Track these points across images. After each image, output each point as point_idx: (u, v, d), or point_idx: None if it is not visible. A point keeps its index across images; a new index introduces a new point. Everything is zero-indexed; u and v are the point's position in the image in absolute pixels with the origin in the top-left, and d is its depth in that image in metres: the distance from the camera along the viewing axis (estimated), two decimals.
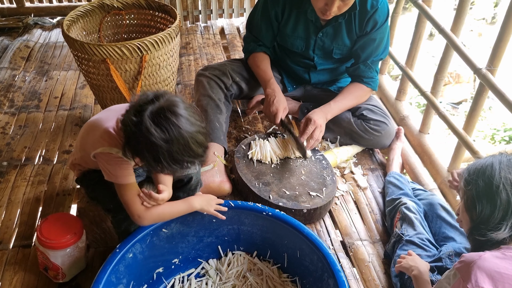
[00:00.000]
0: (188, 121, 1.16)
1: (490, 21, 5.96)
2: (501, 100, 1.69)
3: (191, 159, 1.19)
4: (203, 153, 1.22)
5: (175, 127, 1.13)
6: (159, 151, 1.13)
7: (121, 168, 1.28)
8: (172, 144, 1.13)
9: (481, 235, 1.16)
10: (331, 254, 1.37)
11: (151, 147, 1.12)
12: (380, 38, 1.95)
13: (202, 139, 1.20)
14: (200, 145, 1.19)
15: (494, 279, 1.06)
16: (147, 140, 1.12)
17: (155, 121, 1.12)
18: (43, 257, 1.47)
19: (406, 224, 1.64)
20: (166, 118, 1.13)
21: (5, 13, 3.37)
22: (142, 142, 1.13)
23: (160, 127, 1.12)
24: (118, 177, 1.29)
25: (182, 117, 1.15)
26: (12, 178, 1.96)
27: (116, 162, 1.27)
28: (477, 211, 1.17)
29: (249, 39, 2.14)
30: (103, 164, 1.29)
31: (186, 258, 1.57)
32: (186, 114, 1.17)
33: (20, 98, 2.50)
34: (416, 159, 2.14)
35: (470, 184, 1.20)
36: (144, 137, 1.12)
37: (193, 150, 1.17)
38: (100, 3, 2.17)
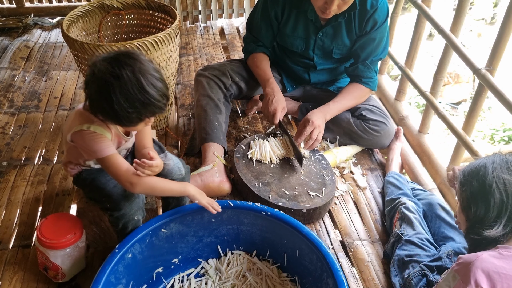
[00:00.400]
0: (144, 65, 1.16)
1: (490, 21, 5.97)
2: (500, 100, 1.69)
3: (148, 102, 1.16)
4: (162, 100, 1.20)
5: (127, 66, 1.14)
6: (110, 90, 1.12)
7: (96, 142, 1.26)
8: (123, 81, 1.12)
9: (477, 234, 1.17)
10: (330, 253, 1.37)
11: (104, 87, 1.13)
12: (380, 38, 1.95)
13: (160, 85, 1.19)
14: (156, 89, 1.18)
15: (492, 279, 1.06)
16: (100, 82, 1.13)
17: (109, 63, 1.14)
18: (43, 257, 1.47)
19: (405, 224, 1.64)
20: (120, 60, 1.15)
21: (5, 13, 3.37)
22: (98, 87, 1.14)
23: (112, 64, 1.14)
24: (97, 152, 1.27)
25: (137, 61, 1.16)
26: (12, 178, 1.96)
27: (90, 137, 1.26)
28: (472, 211, 1.18)
29: (248, 39, 2.14)
30: (80, 144, 1.29)
31: (185, 258, 1.57)
32: (143, 60, 1.18)
33: (19, 98, 2.50)
34: (416, 159, 2.14)
35: (465, 185, 1.21)
36: (98, 80, 1.14)
37: (147, 92, 1.15)
38: (100, 3, 2.17)
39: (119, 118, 1.19)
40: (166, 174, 1.48)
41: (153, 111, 1.21)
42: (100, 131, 1.27)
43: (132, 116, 1.18)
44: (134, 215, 1.41)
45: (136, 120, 1.21)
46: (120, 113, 1.16)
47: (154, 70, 1.20)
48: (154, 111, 1.21)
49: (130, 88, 1.14)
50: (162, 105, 1.21)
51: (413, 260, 1.51)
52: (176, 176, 1.50)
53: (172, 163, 1.49)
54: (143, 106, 1.17)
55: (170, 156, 1.52)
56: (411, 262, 1.51)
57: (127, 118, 1.18)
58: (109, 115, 1.20)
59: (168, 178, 1.48)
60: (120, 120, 1.20)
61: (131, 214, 1.39)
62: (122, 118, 1.18)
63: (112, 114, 1.18)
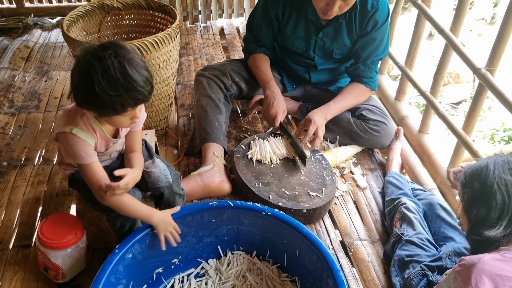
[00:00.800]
0: (129, 52, 1.16)
1: (490, 21, 5.96)
2: (501, 100, 1.69)
3: (130, 87, 1.14)
4: (145, 86, 1.17)
5: (111, 50, 1.13)
6: (93, 72, 1.11)
7: (77, 147, 1.25)
8: (105, 63, 1.11)
9: (478, 235, 1.17)
10: (330, 253, 1.37)
11: (87, 70, 1.12)
12: (381, 38, 1.95)
13: (144, 72, 1.18)
14: (140, 75, 1.16)
15: (494, 281, 1.06)
16: (83, 65, 1.13)
17: (94, 48, 1.14)
18: (43, 257, 1.47)
19: (405, 224, 1.64)
20: (104, 46, 1.15)
21: (5, 13, 3.37)
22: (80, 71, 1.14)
23: (96, 49, 1.14)
24: (76, 157, 1.26)
25: (122, 48, 1.16)
26: (12, 178, 1.96)
27: (73, 142, 1.25)
28: (474, 213, 1.18)
29: (249, 39, 2.14)
30: (63, 145, 1.29)
31: (185, 258, 1.57)
32: (128, 48, 1.17)
33: (20, 99, 2.50)
34: (416, 159, 2.14)
35: (466, 187, 1.21)
36: (81, 64, 1.13)
37: (131, 76, 1.13)
38: (100, 3, 2.17)
39: (101, 103, 1.15)
40: (153, 182, 1.48)
41: (136, 98, 1.17)
42: (84, 136, 1.25)
43: (114, 100, 1.14)
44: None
45: (119, 108, 1.17)
46: (102, 97, 1.13)
47: (139, 58, 1.19)
48: (138, 97, 1.18)
49: (113, 71, 1.12)
50: (146, 92, 1.18)
51: (413, 260, 1.51)
52: (162, 183, 1.49)
53: (158, 171, 1.48)
54: (126, 90, 1.14)
55: (157, 163, 1.49)
56: (411, 262, 1.51)
57: (110, 104, 1.14)
58: (92, 102, 1.16)
59: (155, 186, 1.49)
60: (103, 106, 1.16)
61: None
62: (105, 104, 1.14)
63: (94, 99, 1.14)
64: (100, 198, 1.30)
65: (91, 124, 1.28)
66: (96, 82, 1.11)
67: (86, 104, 1.19)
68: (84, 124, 1.26)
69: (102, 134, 1.32)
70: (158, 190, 1.52)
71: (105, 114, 1.20)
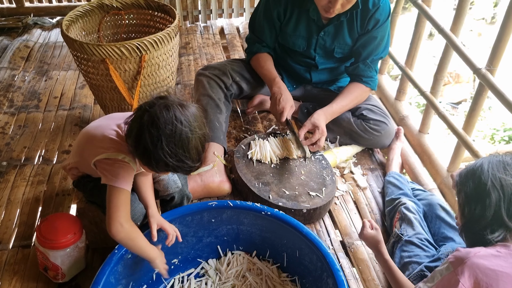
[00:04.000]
0: (195, 118, 1.17)
1: (490, 21, 5.96)
2: (501, 100, 1.69)
3: (184, 161, 1.16)
4: (195, 164, 1.20)
5: (184, 115, 1.15)
6: (162, 126, 1.11)
7: (123, 171, 1.25)
8: (177, 127, 1.12)
9: (470, 231, 1.19)
10: (330, 253, 1.37)
11: (152, 129, 1.12)
12: (381, 37, 1.95)
13: (199, 149, 1.19)
14: (197, 151, 1.18)
15: (487, 276, 1.07)
16: (151, 123, 1.12)
17: (166, 108, 1.14)
18: (42, 257, 1.47)
19: (405, 224, 1.64)
20: (182, 107, 1.16)
21: (5, 13, 3.36)
22: (145, 126, 1.13)
23: (171, 107, 1.14)
24: (118, 180, 1.25)
25: (189, 110, 1.17)
26: (12, 178, 1.96)
27: (120, 165, 1.25)
28: (467, 211, 1.19)
29: (252, 39, 2.14)
30: (105, 168, 1.26)
31: (185, 258, 1.57)
32: (194, 110, 1.19)
33: (19, 98, 2.50)
34: (416, 159, 2.14)
35: (461, 186, 1.22)
36: (149, 120, 1.12)
37: (189, 151, 1.15)
38: (100, 3, 2.17)
39: (148, 156, 1.15)
40: (163, 189, 1.51)
41: (181, 170, 1.19)
42: (131, 163, 1.25)
43: (162, 162, 1.14)
44: (137, 221, 1.40)
45: (161, 168, 1.18)
46: (153, 153, 1.13)
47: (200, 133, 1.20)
48: (183, 170, 1.20)
49: (178, 138, 1.13)
50: (190, 170, 1.21)
51: (413, 261, 1.51)
52: (172, 189, 1.52)
53: (166, 178, 1.51)
54: (179, 161, 1.15)
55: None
56: (411, 263, 1.51)
57: (155, 161, 1.15)
58: (140, 149, 1.16)
59: (165, 193, 1.51)
60: (148, 158, 1.16)
61: (134, 220, 1.38)
62: (151, 159, 1.15)
63: (145, 149, 1.14)
64: (121, 225, 1.25)
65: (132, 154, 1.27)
66: (159, 137, 1.11)
67: (135, 147, 1.17)
68: (128, 154, 1.26)
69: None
70: (170, 195, 1.54)
71: (143, 163, 1.20)
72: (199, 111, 1.21)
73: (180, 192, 1.56)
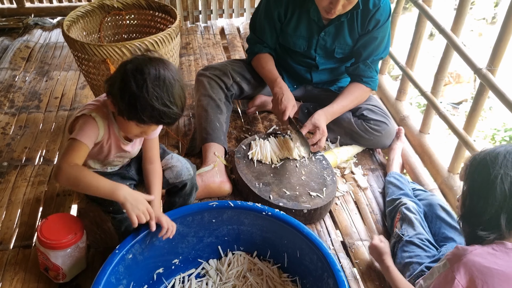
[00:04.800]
0: (176, 71, 1.22)
1: (491, 21, 5.96)
2: (502, 100, 1.69)
3: (169, 105, 1.17)
4: (179, 113, 1.22)
5: (169, 66, 1.20)
6: (146, 71, 1.15)
7: (87, 126, 1.26)
8: (163, 73, 1.17)
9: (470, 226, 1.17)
10: (330, 253, 1.37)
11: (141, 68, 1.16)
12: (382, 37, 1.95)
13: (183, 100, 1.23)
14: (180, 100, 1.21)
15: (483, 273, 1.07)
16: (140, 63, 1.17)
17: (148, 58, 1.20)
18: (43, 258, 1.47)
19: (406, 225, 1.64)
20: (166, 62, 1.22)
21: (5, 13, 3.37)
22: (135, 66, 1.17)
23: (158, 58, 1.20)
24: (79, 133, 1.25)
25: (171, 65, 1.22)
26: (13, 179, 1.96)
27: (86, 121, 1.27)
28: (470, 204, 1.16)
29: (253, 40, 2.14)
30: (74, 127, 1.29)
31: (186, 258, 1.57)
32: (174, 66, 1.24)
33: (20, 99, 2.50)
34: (417, 159, 2.14)
35: (469, 175, 1.18)
36: (133, 68, 1.17)
37: (174, 96, 1.18)
38: (100, 4, 2.17)
39: (133, 102, 1.16)
40: (176, 176, 1.51)
41: (165, 116, 1.20)
42: (100, 124, 1.27)
43: (146, 107, 1.16)
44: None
45: (145, 117, 1.18)
46: (139, 97, 1.15)
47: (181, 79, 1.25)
48: (167, 117, 1.20)
49: (165, 81, 1.17)
50: (174, 118, 1.22)
51: (413, 261, 1.51)
52: (185, 176, 1.52)
53: (180, 165, 1.52)
54: (163, 105, 1.17)
55: (177, 158, 1.53)
56: (412, 263, 1.51)
57: (140, 107, 1.16)
58: (126, 96, 1.17)
59: (178, 179, 1.51)
60: (133, 106, 1.16)
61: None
62: (136, 105, 1.16)
63: (131, 95, 1.16)
64: (58, 168, 1.24)
65: (110, 120, 1.30)
66: (144, 80, 1.14)
67: (120, 97, 1.18)
68: (104, 116, 1.29)
69: (115, 133, 1.33)
70: (182, 182, 1.53)
71: (127, 114, 1.20)
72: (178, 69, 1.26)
73: (191, 180, 1.56)
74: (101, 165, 1.46)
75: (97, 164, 1.45)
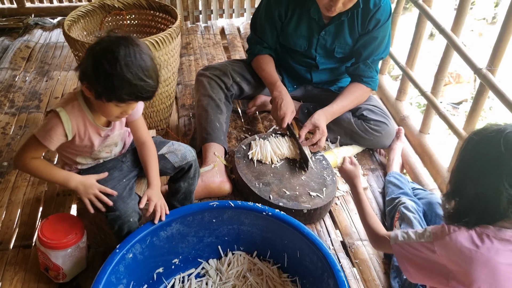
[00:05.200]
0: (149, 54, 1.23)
1: (491, 21, 5.95)
2: (502, 100, 1.69)
3: (144, 79, 1.18)
4: (155, 85, 1.23)
5: (137, 42, 1.21)
6: (117, 50, 1.16)
7: (50, 126, 1.28)
8: (133, 49, 1.18)
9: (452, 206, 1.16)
10: (331, 254, 1.37)
11: (111, 47, 1.17)
12: (382, 37, 1.95)
13: (157, 73, 1.24)
14: (154, 73, 1.22)
15: (462, 254, 1.09)
16: (109, 43, 1.18)
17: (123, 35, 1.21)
18: (44, 258, 1.47)
19: (405, 224, 1.64)
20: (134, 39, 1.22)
21: (6, 13, 3.37)
22: (104, 46, 1.18)
23: (125, 36, 1.21)
24: (40, 133, 1.29)
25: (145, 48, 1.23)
26: (13, 179, 1.96)
27: (49, 119, 1.29)
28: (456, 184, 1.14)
29: (253, 40, 2.14)
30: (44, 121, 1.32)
31: (186, 258, 1.57)
32: (144, 44, 1.24)
33: (20, 99, 2.50)
34: (417, 159, 2.14)
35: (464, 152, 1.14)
36: (107, 42, 1.18)
37: (148, 70, 1.19)
38: (101, 3, 2.17)
39: (110, 82, 1.17)
40: (181, 158, 1.55)
41: (142, 91, 1.21)
42: (65, 120, 1.28)
43: (123, 84, 1.17)
44: (130, 216, 1.40)
45: (123, 94, 1.19)
46: (114, 76, 1.16)
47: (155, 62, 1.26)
48: (144, 92, 1.21)
49: (136, 57, 1.18)
50: (152, 92, 1.24)
51: None
52: (190, 157, 1.56)
53: (183, 148, 1.57)
54: (139, 79, 1.18)
55: (177, 143, 1.58)
56: None
57: (117, 86, 1.17)
58: (101, 78, 1.17)
59: (184, 161, 1.55)
60: (109, 86, 1.17)
61: (126, 216, 1.39)
62: (113, 84, 1.17)
63: (106, 76, 1.16)
64: (17, 156, 1.32)
65: (81, 111, 1.30)
66: (116, 59, 1.15)
67: (95, 80, 1.19)
68: (74, 110, 1.29)
69: (91, 122, 1.34)
70: (188, 163, 1.56)
71: (106, 96, 1.21)
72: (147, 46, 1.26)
73: (195, 162, 1.59)
74: (92, 159, 1.46)
75: (88, 159, 1.45)
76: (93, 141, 1.38)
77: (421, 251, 1.18)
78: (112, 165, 1.49)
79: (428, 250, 1.16)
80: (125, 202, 1.39)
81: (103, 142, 1.41)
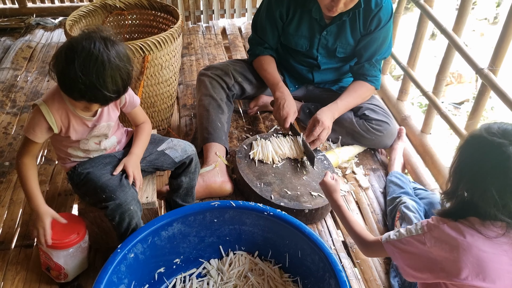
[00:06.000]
0: (117, 54, 1.20)
1: (492, 21, 5.94)
2: (503, 100, 1.69)
3: (98, 86, 1.17)
4: (112, 94, 1.21)
5: (104, 41, 1.19)
6: (72, 58, 1.14)
7: (34, 122, 1.30)
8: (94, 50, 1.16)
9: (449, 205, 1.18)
10: (332, 254, 1.37)
11: (68, 52, 1.16)
12: (384, 37, 1.95)
13: (118, 80, 1.21)
14: (113, 80, 1.19)
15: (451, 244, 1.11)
16: (67, 47, 1.17)
17: (86, 37, 1.19)
18: (45, 257, 1.47)
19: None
20: (102, 37, 1.20)
21: (7, 13, 3.38)
22: (63, 50, 1.18)
23: (92, 32, 1.20)
24: (27, 129, 1.32)
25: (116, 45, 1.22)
26: (14, 178, 1.96)
27: (33, 115, 1.31)
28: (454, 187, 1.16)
29: (254, 40, 2.14)
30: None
31: (187, 258, 1.57)
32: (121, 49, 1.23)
33: (22, 99, 2.51)
34: (418, 159, 2.14)
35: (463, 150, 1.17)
36: (66, 45, 1.18)
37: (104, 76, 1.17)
38: (103, 4, 2.18)
39: (64, 78, 1.18)
40: (182, 153, 1.57)
41: (96, 97, 1.21)
42: (46, 113, 1.29)
43: (75, 84, 1.16)
44: (130, 204, 1.39)
45: (76, 94, 1.19)
46: (67, 73, 1.16)
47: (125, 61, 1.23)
48: (98, 98, 1.21)
49: (93, 61, 1.16)
50: (108, 99, 1.23)
51: None
52: (190, 151, 1.59)
53: (183, 143, 1.59)
54: (92, 85, 1.17)
55: (177, 140, 1.61)
56: None
57: (70, 84, 1.18)
58: (59, 72, 1.19)
59: (184, 156, 1.57)
60: (66, 82, 1.18)
61: (126, 204, 1.38)
62: (66, 81, 1.18)
63: (62, 70, 1.17)
64: (18, 157, 1.37)
65: (63, 103, 1.31)
66: (73, 59, 1.15)
67: (55, 73, 1.20)
68: (54, 102, 1.30)
69: (74, 113, 1.34)
70: (189, 157, 1.59)
71: (62, 90, 1.23)
72: (127, 51, 1.25)
73: (195, 157, 1.61)
74: (82, 152, 1.46)
75: (78, 151, 1.45)
76: (80, 131, 1.38)
77: (411, 245, 1.20)
78: (109, 161, 1.49)
79: (419, 243, 1.18)
80: (124, 190, 1.39)
81: (90, 133, 1.41)
